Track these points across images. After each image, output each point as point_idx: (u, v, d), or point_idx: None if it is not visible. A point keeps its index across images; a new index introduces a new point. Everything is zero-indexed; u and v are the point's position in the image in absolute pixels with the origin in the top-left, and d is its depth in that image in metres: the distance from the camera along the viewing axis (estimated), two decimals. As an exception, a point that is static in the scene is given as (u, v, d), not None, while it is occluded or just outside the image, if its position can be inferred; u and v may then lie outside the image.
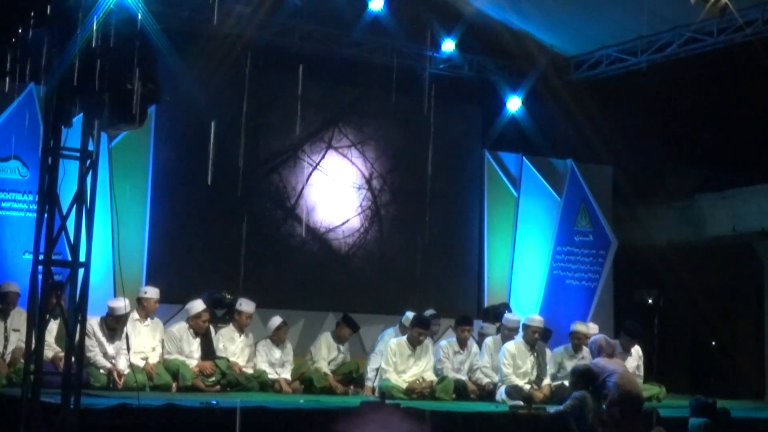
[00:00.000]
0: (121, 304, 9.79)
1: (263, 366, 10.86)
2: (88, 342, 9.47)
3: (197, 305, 10.68)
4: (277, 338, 11.04)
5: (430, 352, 11.00)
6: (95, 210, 6.77)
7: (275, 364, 10.96)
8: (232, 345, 10.84)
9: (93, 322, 9.80)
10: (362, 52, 13.92)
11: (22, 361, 8.18)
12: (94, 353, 9.72)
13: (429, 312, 11.82)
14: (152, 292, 10.57)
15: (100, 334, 9.89)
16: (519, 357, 10.81)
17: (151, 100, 6.80)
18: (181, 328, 10.64)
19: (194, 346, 10.60)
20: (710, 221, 15.14)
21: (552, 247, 14.67)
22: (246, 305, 10.95)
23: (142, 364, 10.08)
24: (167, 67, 11.74)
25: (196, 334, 10.63)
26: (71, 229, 6.75)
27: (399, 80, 14.15)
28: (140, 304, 10.50)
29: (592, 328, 11.90)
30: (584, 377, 8.69)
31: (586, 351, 11.41)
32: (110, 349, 9.90)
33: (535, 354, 10.92)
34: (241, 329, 10.94)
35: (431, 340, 11.26)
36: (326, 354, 11.29)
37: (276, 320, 11.10)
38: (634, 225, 15.59)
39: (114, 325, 9.90)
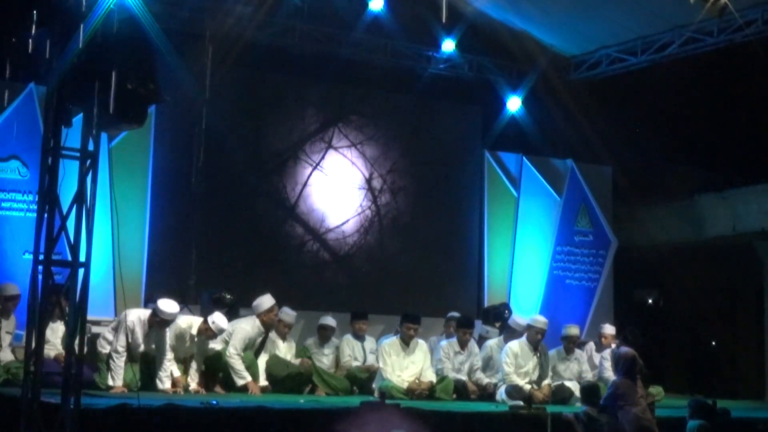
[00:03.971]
0: (173, 309, 9.70)
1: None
2: (115, 341, 9.50)
3: (267, 300, 10.64)
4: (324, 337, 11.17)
5: (425, 348, 11.00)
6: (95, 210, 6.76)
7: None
8: (277, 351, 10.81)
9: (134, 319, 9.66)
10: (362, 52, 13.92)
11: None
12: (115, 354, 9.52)
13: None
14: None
15: (139, 330, 9.67)
16: (522, 357, 10.80)
17: (151, 100, 6.80)
18: (254, 325, 10.54)
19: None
20: (710, 221, 15.14)
21: (552, 247, 14.67)
22: (286, 315, 10.86)
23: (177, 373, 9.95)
24: (167, 67, 11.80)
25: (267, 329, 10.60)
26: (71, 229, 6.73)
27: (399, 80, 14.17)
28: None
29: (608, 329, 11.92)
30: (590, 393, 8.56)
31: (578, 353, 11.42)
32: (145, 346, 9.74)
33: (538, 355, 10.91)
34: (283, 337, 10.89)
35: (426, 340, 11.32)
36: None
37: (328, 320, 11.22)
38: (634, 225, 15.59)
39: (155, 326, 9.70)
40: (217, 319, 9.92)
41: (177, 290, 11.57)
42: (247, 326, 10.47)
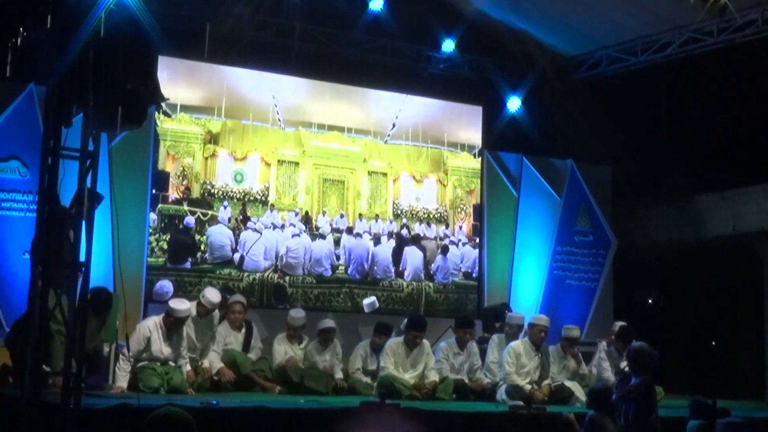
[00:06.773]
0: (184, 306, 9.69)
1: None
2: (136, 347, 9.44)
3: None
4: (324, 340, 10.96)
5: (429, 352, 10.94)
6: (95, 210, 6.76)
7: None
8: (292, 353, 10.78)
9: (150, 324, 9.64)
10: (362, 52, 13.91)
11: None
12: (122, 357, 9.40)
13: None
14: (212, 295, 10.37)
15: (156, 335, 9.62)
16: (525, 356, 10.76)
17: (151, 100, 6.79)
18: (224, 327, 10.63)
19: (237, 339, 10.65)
20: (710, 221, 15.13)
21: (552, 247, 14.67)
22: (293, 319, 10.80)
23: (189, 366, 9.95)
24: (167, 67, 11.80)
25: (238, 327, 10.63)
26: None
27: (399, 80, 14.17)
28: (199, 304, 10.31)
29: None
30: (600, 396, 8.35)
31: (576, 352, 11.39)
32: (165, 349, 9.68)
33: (540, 354, 10.89)
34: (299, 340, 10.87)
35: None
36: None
37: (326, 323, 11.00)
38: (634, 225, 15.58)
39: (172, 326, 9.68)
40: (208, 293, 9.95)
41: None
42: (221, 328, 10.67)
